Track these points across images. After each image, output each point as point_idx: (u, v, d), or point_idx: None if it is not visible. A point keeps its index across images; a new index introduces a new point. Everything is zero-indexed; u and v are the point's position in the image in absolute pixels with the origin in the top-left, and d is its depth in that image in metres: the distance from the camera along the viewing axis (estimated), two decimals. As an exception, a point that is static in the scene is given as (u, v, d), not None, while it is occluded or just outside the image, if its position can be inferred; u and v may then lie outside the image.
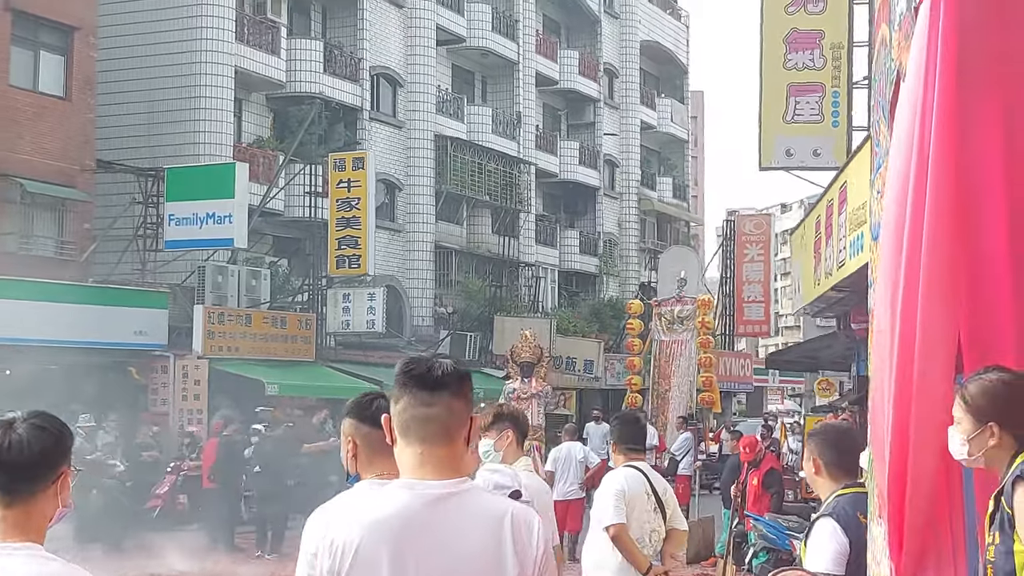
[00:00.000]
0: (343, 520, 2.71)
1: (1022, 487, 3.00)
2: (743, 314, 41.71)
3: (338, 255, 27.63)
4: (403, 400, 2.76)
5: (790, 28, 18.20)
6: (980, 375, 3.23)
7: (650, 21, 47.91)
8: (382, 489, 2.77)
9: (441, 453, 2.74)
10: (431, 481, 2.71)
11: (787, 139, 18.01)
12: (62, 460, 2.79)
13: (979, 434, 3.17)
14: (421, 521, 2.67)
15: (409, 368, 2.78)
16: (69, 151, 24.04)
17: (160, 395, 23.43)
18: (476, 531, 2.70)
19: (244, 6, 29.11)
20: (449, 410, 2.75)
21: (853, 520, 4.52)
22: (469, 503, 2.73)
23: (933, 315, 3.29)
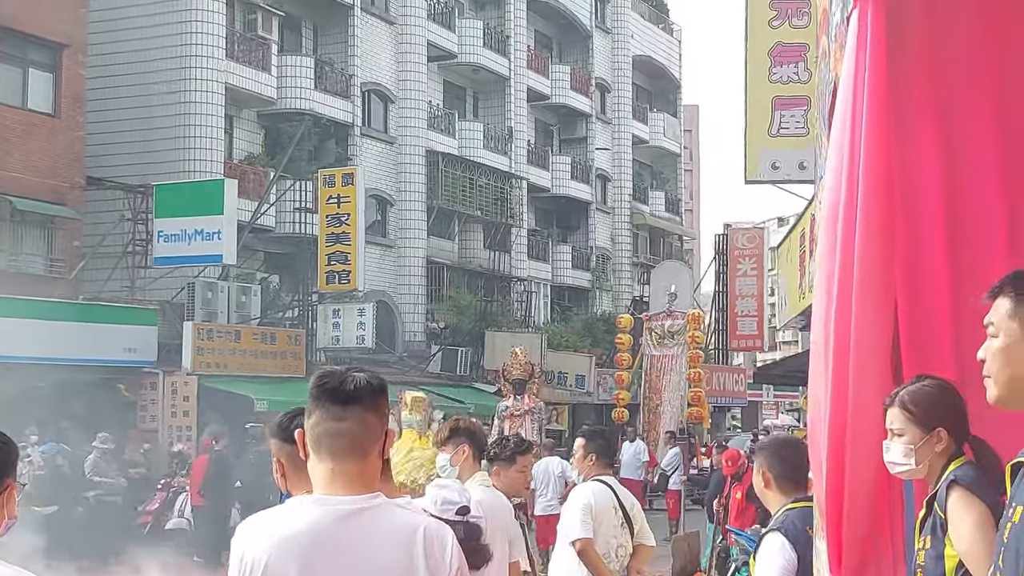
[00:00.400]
0: (254, 536, 2.68)
1: (956, 492, 3.02)
2: (737, 328, 41.67)
3: (328, 271, 27.63)
4: (315, 414, 2.71)
5: (775, 42, 18.17)
6: (915, 384, 3.23)
7: (642, 36, 48.00)
8: (294, 506, 2.74)
9: (352, 468, 2.70)
10: (341, 497, 2.67)
11: (773, 152, 17.96)
12: (6, 473, 2.80)
13: (926, 441, 3.18)
14: (330, 537, 2.63)
15: (322, 382, 2.73)
16: (58, 168, 24.06)
17: (149, 412, 23.39)
18: (387, 547, 2.67)
19: (235, 23, 29.16)
20: (361, 424, 2.71)
21: (802, 535, 4.49)
22: (380, 519, 2.69)
23: (866, 328, 3.28)
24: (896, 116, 3.31)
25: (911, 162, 3.39)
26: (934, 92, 3.41)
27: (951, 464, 3.14)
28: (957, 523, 2.98)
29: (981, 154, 3.51)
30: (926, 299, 3.47)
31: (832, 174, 3.37)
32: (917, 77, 3.38)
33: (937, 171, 3.48)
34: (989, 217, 3.54)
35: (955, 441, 3.17)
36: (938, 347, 3.50)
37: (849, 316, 3.27)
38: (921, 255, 3.48)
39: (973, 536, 2.92)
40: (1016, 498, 2.36)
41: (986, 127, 3.51)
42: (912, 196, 3.42)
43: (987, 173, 3.53)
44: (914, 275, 3.46)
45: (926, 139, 3.42)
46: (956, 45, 3.43)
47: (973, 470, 3.06)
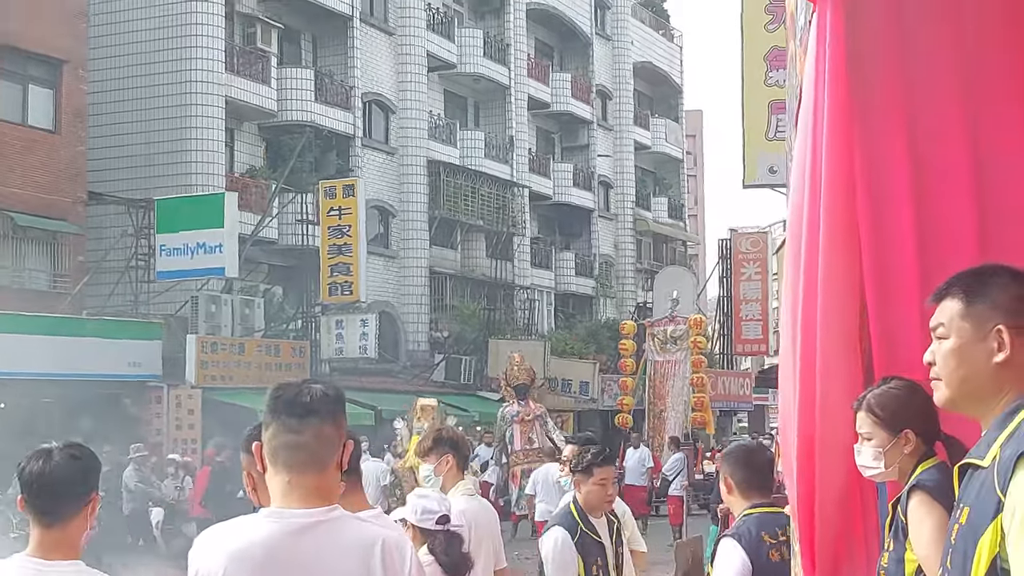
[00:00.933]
0: (209, 550, 2.68)
1: (916, 496, 3.00)
2: (741, 333, 41.64)
3: (330, 282, 27.68)
4: (272, 427, 2.70)
5: (771, 45, 18.26)
6: (881, 387, 3.22)
7: (643, 42, 48.05)
8: (248, 519, 2.72)
9: (310, 481, 2.69)
10: (297, 510, 2.66)
11: (770, 156, 18.04)
12: (93, 486, 3.19)
13: (894, 444, 3.17)
14: (285, 550, 2.62)
15: (278, 394, 2.72)
16: (60, 184, 24.15)
17: (154, 426, 23.43)
18: (344, 559, 2.65)
19: (234, 36, 29.25)
20: (317, 437, 2.69)
21: (755, 540, 4.49)
22: (337, 531, 2.67)
23: (832, 330, 3.28)
24: (860, 118, 3.32)
25: (877, 163, 3.39)
26: (899, 92, 3.41)
27: (920, 465, 3.13)
28: (916, 528, 2.97)
29: (948, 153, 3.50)
30: (895, 300, 3.47)
31: (796, 177, 3.38)
32: (880, 77, 3.38)
33: (905, 171, 3.48)
34: (958, 217, 3.53)
35: (924, 442, 3.16)
36: (908, 348, 3.50)
37: (815, 318, 3.27)
38: (890, 255, 3.47)
39: (931, 541, 2.91)
40: (963, 499, 2.37)
41: (953, 127, 3.51)
42: (879, 196, 3.42)
43: (955, 172, 3.52)
44: (883, 276, 3.45)
45: (892, 140, 3.42)
46: (920, 44, 3.43)
47: (939, 473, 3.04)
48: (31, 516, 3.17)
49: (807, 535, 3.51)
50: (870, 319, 3.45)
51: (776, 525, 4.54)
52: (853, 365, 3.39)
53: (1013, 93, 3.41)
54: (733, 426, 44.01)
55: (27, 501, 3.17)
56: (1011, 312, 2.42)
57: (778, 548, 4.50)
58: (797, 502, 3.54)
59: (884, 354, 3.48)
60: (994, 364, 2.41)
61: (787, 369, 3.55)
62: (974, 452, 2.39)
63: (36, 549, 3.14)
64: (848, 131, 3.26)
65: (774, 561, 4.49)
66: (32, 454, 3.23)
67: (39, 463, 3.15)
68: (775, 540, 4.51)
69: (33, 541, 3.16)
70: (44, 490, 3.12)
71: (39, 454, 3.19)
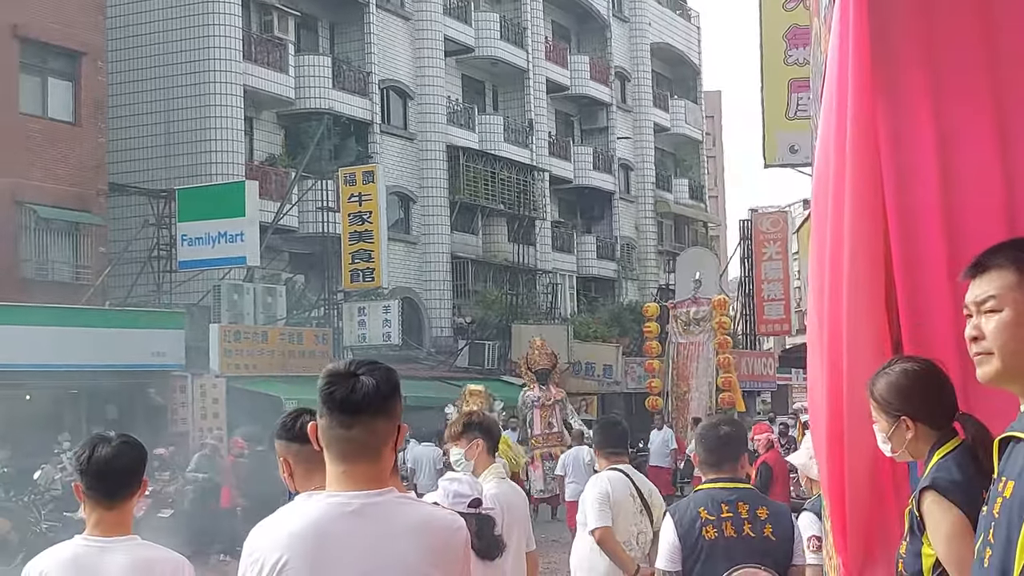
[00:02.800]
0: (265, 536, 2.71)
1: (928, 496, 2.95)
2: (764, 313, 41.53)
3: (352, 269, 27.71)
4: (325, 418, 2.73)
5: (789, 24, 18.15)
6: (885, 369, 3.16)
7: (660, 23, 47.85)
8: (302, 503, 2.76)
9: (362, 469, 2.73)
10: (350, 492, 2.70)
11: (790, 135, 17.94)
12: (144, 471, 3.55)
13: (896, 429, 3.12)
14: (341, 530, 2.67)
15: (331, 389, 2.72)
16: (81, 175, 24.23)
17: (179, 415, 23.52)
18: (398, 539, 2.70)
19: (251, 25, 29.27)
20: (370, 430, 2.72)
21: (689, 516, 4.50)
22: (389, 513, 2.71)
23: (859, 306, 3.25)
24: (884, 93, 3.28)
25: (902, 139, 3.36)
26: (923, 67, 3.38)
27: (937, 452, 3.06)
28: (934, 530, 2.93)
29: (974, 128, 3.47)
30: (924, 276, 3.43)
31: (821, 154, 3.35)
32: (905, 53, 3.34)
33: (930, 147, 3.44)
34: (985, 192, 3.50)
35: (932, 426, 3.09)
36: (938, 323, 3.47)
37: (841, 295, 3.24)
38: (917, 231, 3.44)
39: (948, 545, 2.88)
40: (1006, 472, 2.31)
41: (979, 101, 3.47)
42: (905, 172, 3.38)
43: (982, 147, 3.49)
44: (911, 252, 3.42)
45: (917, 115, 3.39)
46: (944, 19, 3.40)
47: (955, 465, 2.98)
48: (92, 499, 3.49)
49: (838, 514, 3.49)
50: (898, 295, 3.42)
51: (722, 500, 4.53)
52: (882, 342, 3.36)
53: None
54: (757, 406, 43.92)
55: (89, 485, 3.48)
56: None
57: (718, 524, 4.47)
58: (827, 481, 3.52)
59: (913, 330, 3.45)
60: None
61: (815, 348, 3.53)
62: (1017, 426, 2.33)
63: (96, 528, 3.48)
64: (872, 107, 3.22)
65: (708, 538, 4.46)
66: (89, 443, 3.56)
67: (102, 450, 3.48)
68: (714, 516, 4.48)
69: (92, 522, 3.50)
70: (106, 475, 3.45)
71: (97, 442, 3.53)
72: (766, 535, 4.50)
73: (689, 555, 4.46)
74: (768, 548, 4.49)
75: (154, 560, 3.50)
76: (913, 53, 3.39)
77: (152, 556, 3.51)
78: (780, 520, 4.60)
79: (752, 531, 4.49)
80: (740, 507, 4.52)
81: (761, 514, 4.53)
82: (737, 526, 4.47)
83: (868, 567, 3.47)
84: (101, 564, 3.42)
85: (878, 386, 3.14)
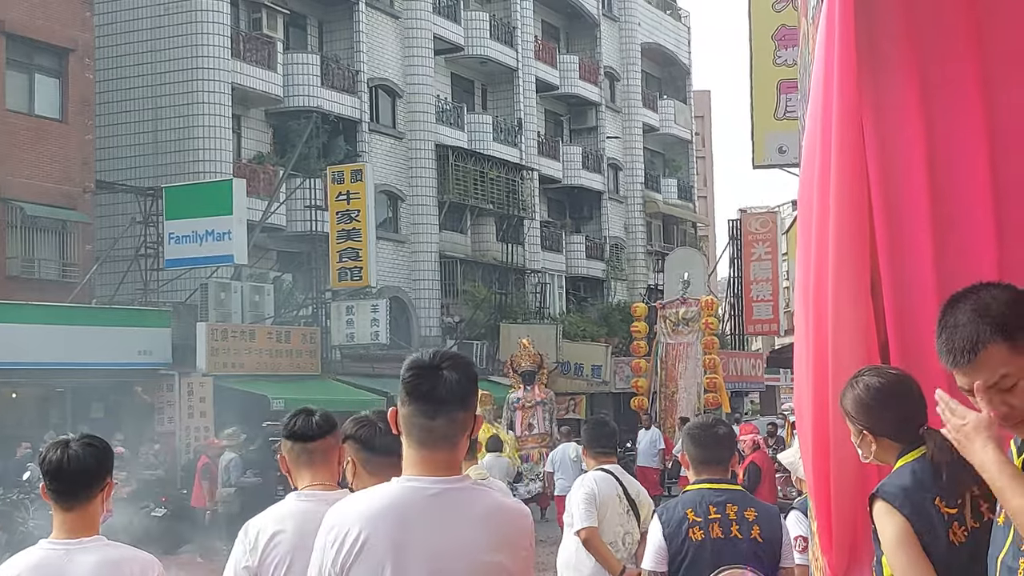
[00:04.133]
0: (346, 514, 2.81)
1: (875, 504, 2.99)
2: (752, 313, 41.58)
3: (340, 268, 27.64)
4: (408, 406, 2.84)
5: (779, 25, 18.17)
6: (853, 380, 3.17)
7: (650, 23, 47.86)
8: (382, 485, 2.89)
9: (440, 456, 2.84)
10: (428, 478, 2.81)
11: (779, 136, 17.96)
12: (108, 472, 3.52)
13: (862, 441, 3.15)
14: (418, 513, 2.78)
15: (416, 382, 2.83)
16: (68, 173, 24.14)
17: (166, 414, 23.46)
18: (472, 525, 2.81)
19: (239, 22, 29.18)
20: (451, 423, 2.83)
21: (676, 517, 4.48)
22: (465, 498, 2.83)
23: (843, 306, 3.24)
24: (871, 93, 3.27)
25: (888, 139, 3.34)
26: (911, 67, 3.36)
27: (903, 458, 3.08)
28: (881, 536, 2.97)
29: (963, 126, 3.45)
30: (910, 277, 3.42)
31: (807, 153, 3.33)
32: (892, 52, 3.32)
33: (919, 147, 3.42)
34: (973, 191, 3.48)
35: (895, 440, 3.10)
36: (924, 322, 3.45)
37: (826, 295, 3.23)
38: (904, 232, 3.42)
39: (893, 552, 2.91)
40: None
41: (967, 99, 3.45)
42: (892, 172, 3.37)
43: (970, 146, 3.47)
44: (897, 253, 3.41)
45: (904, 115, 3.37)
46: (931, 18, 3.38)
47: (909, 474, 3.00)
48: (53, 501, 3.49)
49: (824, 514, 3.48)
50: (884, 296, 3.41)
51: (710, 501, 4.51)
52: (868, 343, 3.35)
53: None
54: (745, 406, 43.98)
55: (50, 487, 3.49)
56: None
57: (705, 525, 4.45)
58: (813, 482, 3.51)
59: (899, 330, 3.43)
60: None
61: (801, 348, 3.51)
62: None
63: (59, 532, 3.47)
64: (858, 106, 3.21)
65: (695, 539, 4.44)
66: (51, 445, 3.55)
67: (58, 453, 3.46)
68: (701, 517, 4.46)
69: (56, 525, 3.50)
70: (64, 477, 3.44)
71: (57, 445, 3.51)
72: (754, 537, 4.48)
73: (675, 556, 4.44)
74: (756, 550, 4.47)
75: (121, 560, 3.49)
76: (900, 52, 3.37)
77: (119, 556, 3.49)
78: (769, 522, 4.57)
79: (740, 532, 4.47)
80: (728, 508, 4.50)
81: (749, 515, 4.51)
82: (725, 527, 4.45)
83: (854, 568, 3.46)
84: (67, 567, 3.41)
85: (845, 398, 3.16)
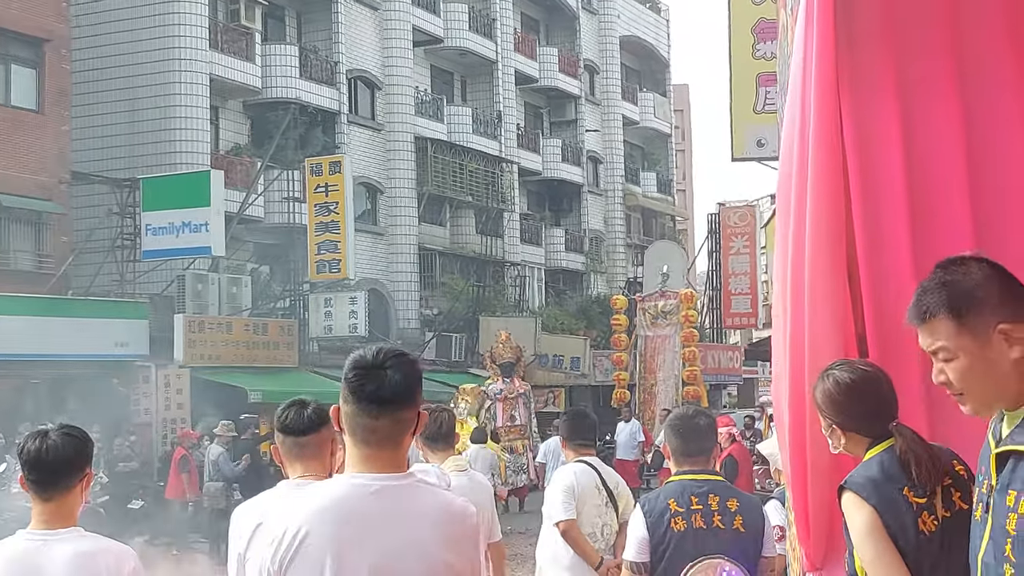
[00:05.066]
0: (292, 511, 2.79)
1: (844, 496, 3.00)
2: (731, 307, 41.70)
3: (318, 260, 27.56)
4: (351, 406, 2.81)
5: (758, 18, 18.18)
6: (824, 373, 3.18)
7: (629, 16, 47.86)
8: (328, 482, 2.91)
9: (386, 455, 2.83)
10: (373, 475, 2.80)
11: (758, 129, 17.99)
12: (86, 463, 3.52)
13: (831, 433, 3.16)
14: (363, 508, 2.76)
15: (359, 382, 2.80)
16: (44, 164, 23.98)
17: (143, 405, 23.34)
18: (414, 522, 2.79)
19: (218, 13, 29.03)
20: (396, 421, 2.82)
21: (658, 507, 4.49)
22: (408, 496, 2.82)
23: (820, 303, 3.23)
24: (848, 85, 3.26)
25: (868, 128, 3.34)
26: (889, 60, 3.35)
27: (871, 451, 3.09)
28: (850, 527, 2.99)
29: (940, 118, 3.45)
30: (888, 266, 3.42)
31: (785, 144, 3.32)
32: (870, 45, 3.32)
33: (896, 139, 3.42)
34: (950, 184, 3.48)
35: (863, 434, 3.11)
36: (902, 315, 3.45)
37: (803, 286, 3.23)
38: (882, 224, 3.42)
39: (861, 542, 2.93)
40: (1014, 485, 2.31)
41: (945, 93, 3.45)
42: (871, 163, 3.37)
43: (947, 139, 3.47)
44: (875, 244, 3.41)
45: (882, 108, 3.37)
46: (909, 11, 3.38)
47: (876, 465, 3.01)
48: (32, 491, 3.49)
49: (801, 505, 3.48)
50: (862, 287, 3.41)
51: (692, 492, 4.52)
52: (845, 334, 3.34)
53: (1005, 54, 3.35)
54: (723, 399, 44.10)
55: (28, 478, 3.49)
56: (1002, 307, 2.37)
57: (688, 516, 4.46)
58: (791, 473, 3.50)
59: (877, 322, 3.43)
60: (1012, 360, 2.36)
61: (779, 340, 3.50)
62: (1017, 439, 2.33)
63: (37, 523, 3.48)
64: (836, 97, 3.20)
65: (677, 529, 4.44)
66: (29, 435, 3.54)
67: (36, 443, 3.47)
68: (683, 508, 4.47)
69: (35, 515, 3.50)
70: (42, 467, 3.44)
71: (36, 435, 3.51)
72: (736, 527, 4.48)
73: (657, 546, 4.44)
74: (738, 540, 4.48)
75: (97, 551, 3.48)
76: (878, 46, 3.36)
77: (95, 547, 3.49)
78: (751, 512, 4.58)
79: (722, 523, 4.47)
80: (711, 499, 4.50)
81: (731, 506, 4.52)
82: (707, 518, 4.46)
83: (830, 558, 3.46)
84: (44, 557, 3.41)
85: (816, 392, 3.18)
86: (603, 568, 6.45)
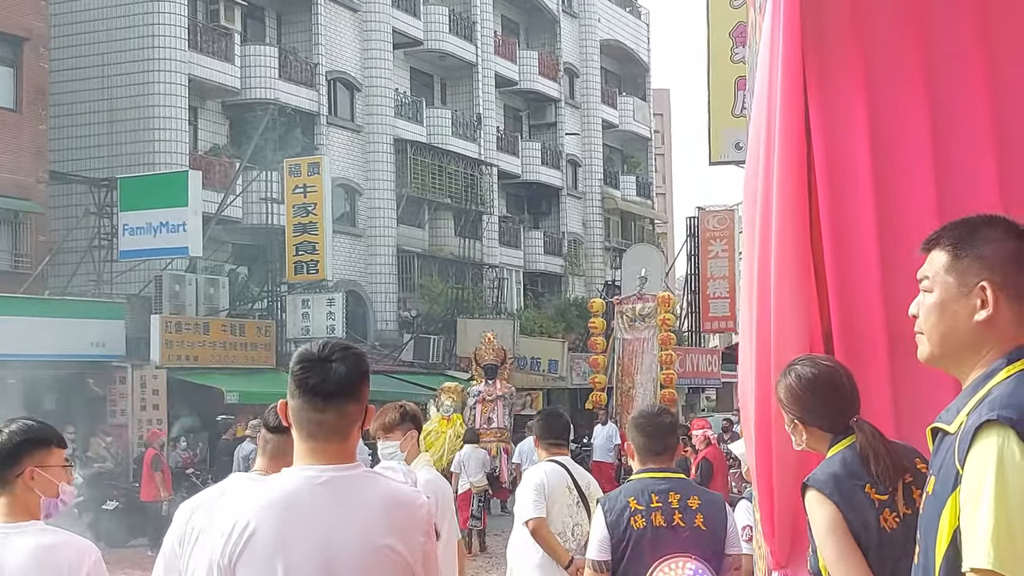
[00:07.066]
0: (240, 504, 2.79)
1: (806, 494, 3.02)
2: (709, 310, 41.78)
3: (296, 261, 27.51)
4: (297, 400, 2.81)
5: (736, 22, 18.24)
6: (787, 368, 3.19)
7: (610, 20, 47.94)
8: (273, 477, 2.89)
9: (333, 447, 2.82)
10: (319, 466, 2.79)
11: (736, 132, 18.05)
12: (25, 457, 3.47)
13: (793, 429, 3.18)
14: (310, 500, 2.75)
15: (304, 375, 2.79)
16: (22, 163, 23.86)
17: (119, 406, 23.23)
18: (361, 512, 2.78)
19: (197, 14, 28.95)
20: (341, 415, 2.81)
21: (618, 506, 4.49)
22: (355, 486, 2.80)
23: (787, 300, 3.25)
24: (817, 81, 3.28)
25: (835, 125, 3.36)
26: (857, 54, 3.37)
27: (833, 447, 3.11)
28: (812, 524, 2.99)
29: (907, 116, 3.47)
30: (855, 263, 3.44)
31: (752, 142, 3.35)
32: (837, 40, 3.34)
33: (864, 133, 3.44)
34: (917, 185, 3.50)
35: (825, 430, 3.12)
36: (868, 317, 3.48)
37: (769, 283, 3.25)
38: (849, 225, 3.44)
39: (823, 540, 2.94)
40: (931, 467, 2.29)
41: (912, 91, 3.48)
42: (838, 159, 3.39)
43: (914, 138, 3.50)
44: (842, 241, 3.43)
45: (849, 106, 3.39)
46: (877, 10, 3.40)
47: (839, 462, 3.02)
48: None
49: (767, 503, 3.50)
50: (828, 284, 3.43)
51: (653, 490, 4.51)
52: (811, 331, 3.36)
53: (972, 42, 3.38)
54: (701, 403, 44.19)
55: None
56: (999, 269, 2.26)
57: (647, 514, 4.45)
58: (757, 471, 3.52)
59: (842, 319, 3.45)
60: (975, 322, 2.26)
61: (745, 338, 3.53)
62: (944, 416, 2.28)
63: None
64: (803, 95, 3.22)
65: (636, 527, 4.44)
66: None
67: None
68: (643, 506, 4.47)
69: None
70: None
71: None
72: (697, 525, 4.48)
73: (618, 544, 4.44)
74: (699, 538, 4.48)
75: (58, 545, 3.46)
76: (845, 40, 3.38)
77: (56, 541, 3.46)
78: (713, 510, 4.58)
79: (683, 520, 4.47)
80: (671, 497, 4.50)
81: (692, 504, 4.51)
82: (667, 516, 4.46)
83: (795, 556, 3.48)
84: (4, 549, 3.40)
85: (779, 387, 3.19)
86: (573, 567, 6.47)
